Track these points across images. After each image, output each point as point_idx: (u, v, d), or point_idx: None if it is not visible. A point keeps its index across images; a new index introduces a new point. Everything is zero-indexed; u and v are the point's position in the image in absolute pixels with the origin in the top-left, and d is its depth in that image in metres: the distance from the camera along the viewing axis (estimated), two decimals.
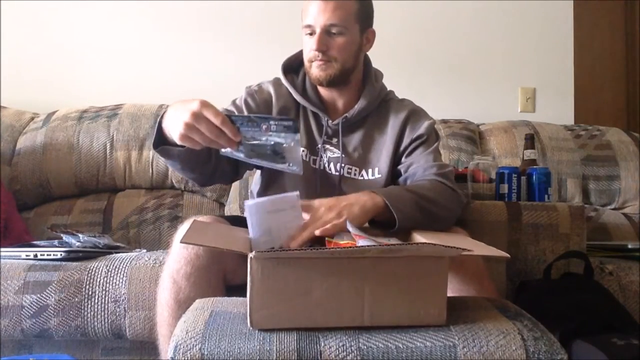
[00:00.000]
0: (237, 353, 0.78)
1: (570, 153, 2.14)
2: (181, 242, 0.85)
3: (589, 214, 2.03)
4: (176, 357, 0.79)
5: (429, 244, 0.82)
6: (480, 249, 0.97)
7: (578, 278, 1.45)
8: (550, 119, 2.33)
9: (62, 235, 1.53)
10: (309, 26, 1.31)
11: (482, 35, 2.47)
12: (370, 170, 1.37)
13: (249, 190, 1.54)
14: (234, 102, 1.42)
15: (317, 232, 1.02)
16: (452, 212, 1.28)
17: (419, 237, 1.07)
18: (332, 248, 0.90)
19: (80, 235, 1.52)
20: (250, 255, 0.81)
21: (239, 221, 1.25)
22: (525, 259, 1.50)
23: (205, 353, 0.79)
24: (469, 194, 1.70)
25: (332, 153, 1.38)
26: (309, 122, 1.40)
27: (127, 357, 1.42)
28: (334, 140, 1.38)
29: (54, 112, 2.11)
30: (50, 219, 1.93)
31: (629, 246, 1.67)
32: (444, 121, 2.21)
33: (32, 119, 2.11)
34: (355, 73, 1.38)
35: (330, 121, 1.38)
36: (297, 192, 1.02)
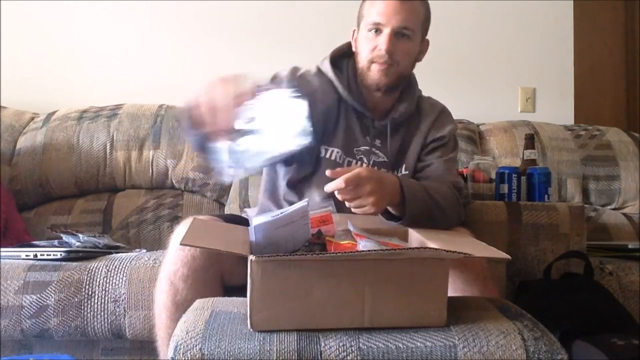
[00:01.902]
0: (237, 353, 0.78)
1: (570, 153, 2.14)
2: (181, 243, 0.85)
3: (589, 214, 2.03)
4: (176, 357, 0.79)
5: (430, 248, 0.82)
6: (481, 250, 0.97)
7: (578, 278, 1.45)
8: (550, 119, 2.33)
9: (62, 235, 1.53)
10: (376, 23, 1.26)
11: (482, 35, 2.47)
12: (400, 168, 1.37)
13: (264, 184, 1.44)
14: (276, 79, 1.32)
15: (339, 197, 1.06)
16: (452, 222, 1.28)
17: (419, 237, 1.07)
18: (332, 253, 0.90)
19: (80, 235, 1.52)
20: (251, 257, 0.81)
21: (238, 220, 1.25)
22: (525, 259, 1.50)
23: (206, 353, 0.78)
24: (469, 194, 1.70)
25: (377, 157, 1.35)
26: (351, 121, 1.35)
27: (127, 357, 1.42)
28: (377, 141, 1.35)
29: (54, 112, 2.11)
30: (50, 219, 1.93)
31: (629, 246, 1.67)
32: None
33: (32, 119, 2.11)
34: (406, 80, 1.37)
35: (376, 122, 1.35)
36: (307, 201, 1.00)
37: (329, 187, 1.06)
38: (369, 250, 0.88)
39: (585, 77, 2.58)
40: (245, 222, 1.23)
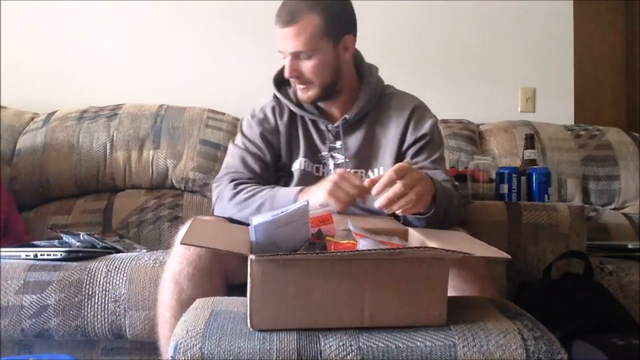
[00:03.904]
0: (237, 352, 0.78)
1: (570, 153, 2.14)
2: (181, 243, 0.85)
3: (589, 214, 2.03)
4: (176, 357, 0.79)
5: (430, 247, 0.82)
6: (481, 249, 0.97)
7: (578, 278, 1.45)
8: (550, 119, 2.33)
9: (62, 235, 1.53)
10: (280, 51, 1.31)
11: (482, 36, 2.47)
12: (376, 170, 1.37)
13: None
14: (245, 136, 1.41)
15: (378, 198, 1.08)
16: (458, 220, 1.30)
17: (419, 237, 1.07)
18: (332, 252, 0.90)
19: (81, 234, 1.52)
20: (251, 257, 0.81)
21: (239, 220, 1.25)
22: (525, 259, 1.50)
23: (206, 352, 0.79)
24: (469, 194, 1.70)
25: (335, 160, 1.37)
26: (308, 130, 1.39)
27: (127, 357, 1.42)
28: (338, 144, 1.37)
29: (54, 112, 2.11)
30: (50, 219, 1.93)
31: (629, 246, 1.67)
32: (444, 121, 2.20)
33: (32, 119, 2.11)
34: (344, 80, 1.37)
35: (329, 125, 1.37)
36: (307, 201, 1.00)
37: (378, 187, 1.07)
38: (368, 250, 0.88)
39: (585, 77, 2.58)
40: (245, 222, 1.23)
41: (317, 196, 1.16)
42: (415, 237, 1.10)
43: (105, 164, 2.01)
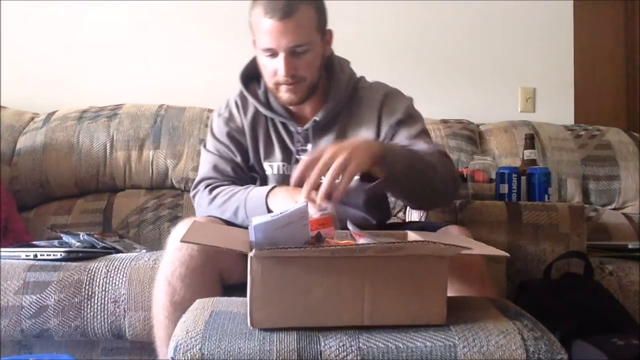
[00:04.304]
0: (237, 353, 0.78)
1: (570, 153, 2.14)
2: (181, 241, 0.85)
3: (589, 214, 2.03)
4: (176, 357, 0.79)
5: (428, 241, 0.82)
6: (480, 248, 0.97)
7: (578, 278, 1.45)
8: (550, 119, 2.33)
9: (62, 235, 1.53)
10: (269, 49, 1.20)
11: (482, 35, 2.47)
12: None
13: None
14: (215, 137, 1.37)
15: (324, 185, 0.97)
16: (448, 185, 1.21)
17: (418, 238, 1.07)
18: (333, 247, 0.90)
19: (81, 234, 1.52)
20: (250, 254, 0.81)
21: (237, 224, 1.25)
22: (525, 259, 1.50)
23: (206, 353, 0.78)
24: (469, 194, 1.70)
25: None
26: (279, 132, 1.34)
27: (127, 358, 1.42)
28: (309, 146, 1.32)
29: (54, 112, 2.11)
30: (50, 219, 1.93)
31: (629, 246, 1.67)
32: (444, 121, 2.21)
33: (32, 119, 2.11)
34: (320, 79, 1.30)
35: (299, 128, 1.31)
36: (306, 202, 0.96)
37: (293, 177, 1.00)
38: (368, 243, 0.87)
39: (586, 78, 2.58)
40: (236, 224, 1.24)
41: (286, 203, 1.11)
42: (414, 238, 1.10)
43: (105, 164, 2.01)
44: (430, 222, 1.52)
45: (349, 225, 1.04)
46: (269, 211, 1.15)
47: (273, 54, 1.21)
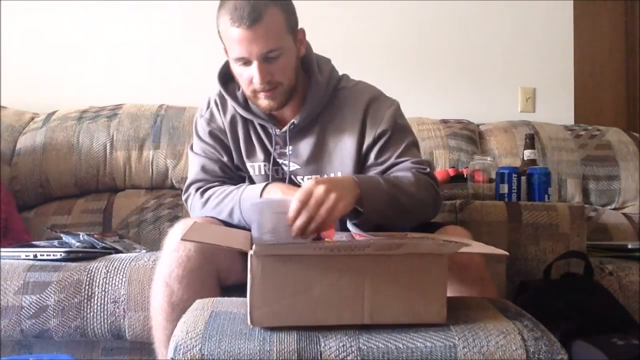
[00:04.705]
0: (237, 353, 0.78)
1: (570, 153, 2.14)
2: (182, 239, 0.85)
3: (589, 214, 2.03)
4: (176, 357, 0.79)
5: (428, 238, 0.82)
6: (479, 247, 0.97)
7: (578, 278, 1.45)
8: (550, 119, 2.33)
9: (62, 235, 1.53)
10: (241, 58, 1.17)
11: (482, 35, 2.47)
12: (332, 175, 1.28)
13: None
14: (200, 138, 1.36)
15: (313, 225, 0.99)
16: (428, 209, 1.23)
17: (418, 237, 1.07)
18: (332, 245, 0.90)
19: (81, 234, 1.52)
20: (251, 252, 0.81)
21: (233, 224, 1.25)
22: (525, 259, 1.50)
23: (206, 353, 0.78)
24: (469, 194, 1.70)
25: (286, 167, 1.30)
26: (258, 133, 1.32)
27: (126, 358, 1.42)
28: (288, 148, 1.29)
29: (54, 112, 2.11)
30: (50, 219, 1.93)
31: (629, 246, 1.67)
32: (444, 121, 2.21)
33: (32, 119, 2.11)
34: (298, 80, 1.27)
35: (277, 130, 1.28)
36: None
37: (291, 215, 0.99)
38: (369, 239, 0.87)
39: (585, 77, 2.58)
40: (238, 226, 1.24)
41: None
42: (414, 237, 1.10)
43: (105, 164, 2.01)
44: (430, 222, 1.51)
45: (349, 226, 1.04)
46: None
47: (246, 62, 1.18)
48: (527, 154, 1.80)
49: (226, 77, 1.31)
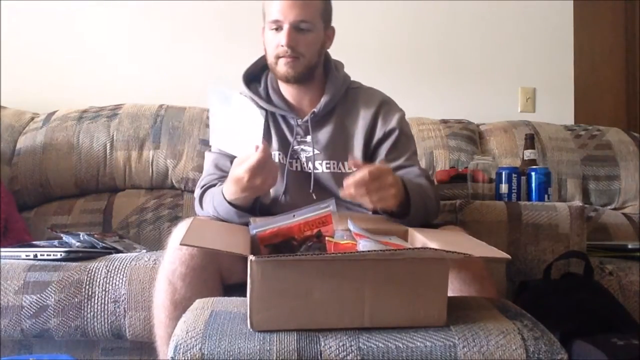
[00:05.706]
0: (237, 353, 0.78)
1: (570, 153, 2.14)
2: (181, 244, 0.85)
3: (589, 214, 2.03)
4: (176, 357, 0.79)
5: (430, 248, 0.82)
6: (481, 250, 0.97)
7: (578, 278, 1.45)
8: (550, 119, 2.33)
9: (62, 235, 1.53)
10: (276, 21, 1.31)
11: (482, 36, 2.47)
12: (347, 163, 1.37)
13: None
14: None
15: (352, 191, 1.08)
16: (436, 215, 1.34)
17: (420, 237, 1.07)
18: (333, 254, 0.90)
19: (81, 234, 1.52)
20: (251, 257, 0.81)
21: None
22: (525, 259, 1.50)
23: (206, 353, 0.79)
24: (469, 194, 1.70)
25: (306, 153, 1.38)
26: (279, 125, 1.41)
27: (127, 357, 1.42)
28: (308, 138, 1.38)
29: (54, 112, 2.10)
30: (50, 219, 1.93)
31: (629, 246, 1.67)
32: (444, 121, 2.21)
33: (32, 119, 2.11)
34: (318, 69, 1.40)
35: (299, 120, 1.39)
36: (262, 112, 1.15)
37: (351, 182, 1.08)
38: (368, 251, 0.87)
39: (585, 77, 2.58)
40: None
41: (233, 189, 1.19)
42: (416, 237, 1.10)
43: (105, 164, 2.01)
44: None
45: (350, 225, 1.04)
46: (230, 205, 1.22)
47: (278, 27, 1.31)
48: (527, 154, 1.80)
49: (249, 78, 1.42)
